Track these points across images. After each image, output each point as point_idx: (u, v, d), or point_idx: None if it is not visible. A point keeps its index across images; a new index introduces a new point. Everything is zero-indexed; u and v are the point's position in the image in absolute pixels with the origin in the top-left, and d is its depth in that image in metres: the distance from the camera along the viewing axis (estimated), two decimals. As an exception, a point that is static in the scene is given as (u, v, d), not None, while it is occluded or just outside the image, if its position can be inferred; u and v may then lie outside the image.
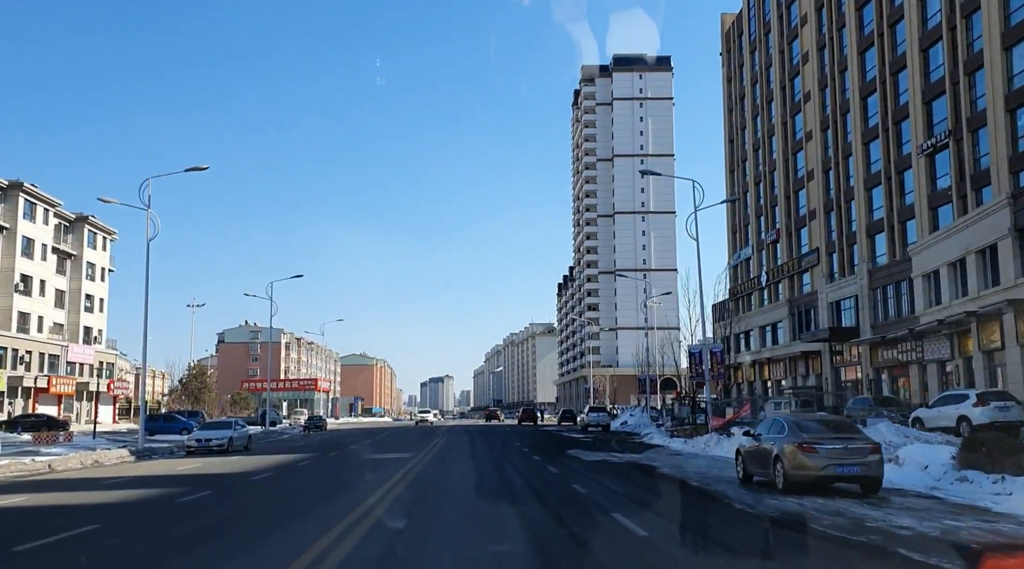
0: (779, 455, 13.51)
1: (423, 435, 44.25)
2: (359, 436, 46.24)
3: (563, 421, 70.39)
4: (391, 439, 40.19)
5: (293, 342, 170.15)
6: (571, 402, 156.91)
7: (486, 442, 35.13)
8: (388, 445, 33.61)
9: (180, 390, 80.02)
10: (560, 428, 57.53)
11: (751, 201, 68.59)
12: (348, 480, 17.20)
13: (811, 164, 56.40)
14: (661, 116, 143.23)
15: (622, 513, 11.00)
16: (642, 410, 60.38)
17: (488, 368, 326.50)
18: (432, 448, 29.83)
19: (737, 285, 71.42)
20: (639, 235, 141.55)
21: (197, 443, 30.27)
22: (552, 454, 25.90)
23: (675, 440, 32.06)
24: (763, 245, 65.55)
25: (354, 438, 42.74)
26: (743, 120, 70.66)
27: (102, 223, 71.02)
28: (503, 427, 60.53)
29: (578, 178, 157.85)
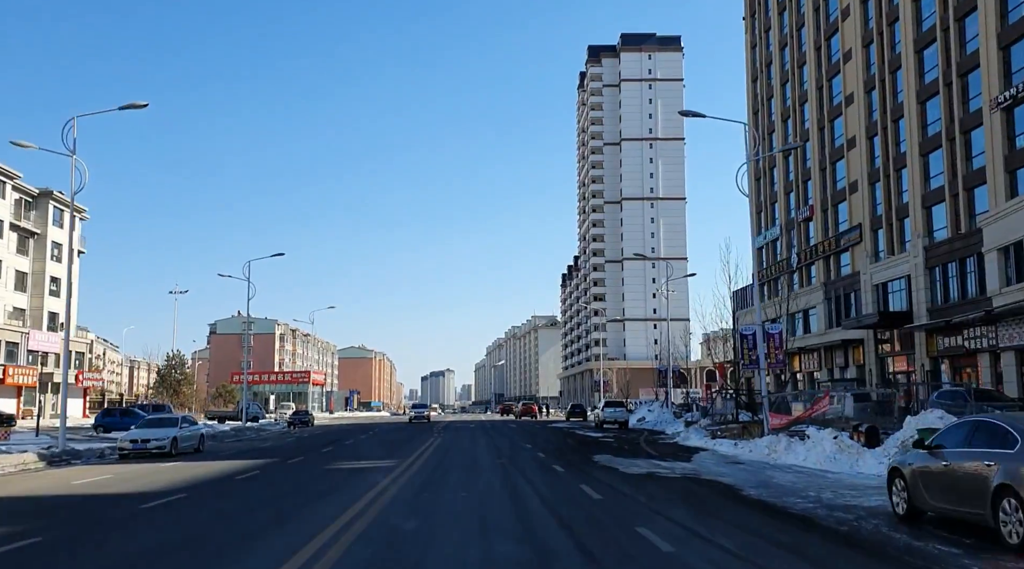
0: (1013, 486, 7.63)
1: (416, 434, 38.42)
2: (343, 434, 40.44)
3: (572, 416, 64.68)
4: (377, 439, 34.37)
5: (288, 334, 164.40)
6: (576, 396, 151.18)
7: (490, 443, 29.35)
8: (371, 448, 27.77)
9: (158, 382, 74.25)
10: (571, 425, 51.74)
11: (779, 177, 62.63)
12: (280, 513, 11.29)
13: (852, 131, 50.43)
14: (671, 98, 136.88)
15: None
16: (661, 405, 54.57)
17: (489, 362, 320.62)
18: (423, 452, 23.98)
19: (763, 269, 65.47)
20: (647, 222, 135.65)
21: (132, 445, 24.45)
22: (576, 462, 20.09)
23: (720, 442, 26.20)
24: (793, 224, 59.63)
25: (335, 437, 36.93)
26: (770, 89, 64.64)
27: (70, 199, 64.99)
28: (507, 424, 54.69)
29: (584, 164, 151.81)
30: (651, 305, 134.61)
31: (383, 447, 27.48)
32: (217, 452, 26.60)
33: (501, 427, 47.53)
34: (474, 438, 33.45)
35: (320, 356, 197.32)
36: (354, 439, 34.15)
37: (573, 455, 23.00)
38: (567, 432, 39.89)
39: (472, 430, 42.73)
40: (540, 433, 38.91)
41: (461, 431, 40.88)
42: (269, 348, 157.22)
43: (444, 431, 41.50)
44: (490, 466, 18.67)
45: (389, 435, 38.04)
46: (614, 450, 25.11)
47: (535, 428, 45.47)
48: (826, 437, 19.45)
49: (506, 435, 36.27)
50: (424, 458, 21.44)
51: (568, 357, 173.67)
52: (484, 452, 23.83)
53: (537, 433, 38.82)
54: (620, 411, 45.51)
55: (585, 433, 39.01)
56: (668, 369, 53.34)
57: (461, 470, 17.68)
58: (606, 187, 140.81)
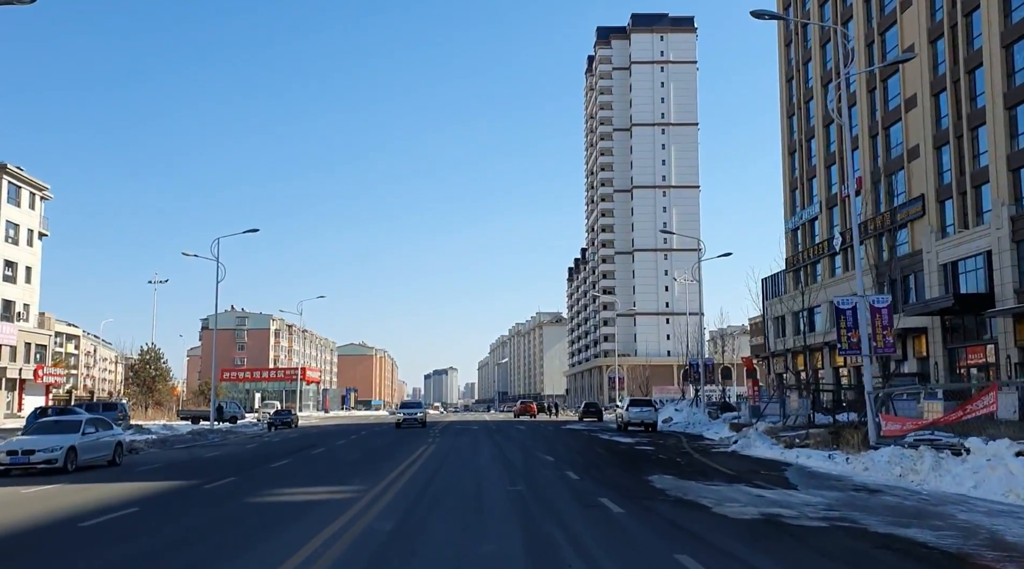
0: None
1: (406, 439, 31.86)
2: (321, 439, 33.96)
3: (586, 416, 58.18)
4: (357, 447, 27.82)
5: (283, 329, 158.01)
6: (583, 394, 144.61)
7: (496, 453, 22.80)
8: (340, 461, 21.18)
9: (130, 379, 67.79)
10: (587, 427, 45.16)
11: (818, 148, 55.97)
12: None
13: (912, 88, 43.80)
14: (684, 81, 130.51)
15: None
16: (690, 403, 48.00)
17: (493, 360, 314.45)
18: (406, 469, 17.39)
19: (797, 253, 58.88)
20: (659, 212, 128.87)
21: (10, 458, 18.02)
22: (631, 491, 13.48)
23: (803, 453, 19.61)
24: (835, 201, 53.01)
25: (309, 442, 30.40)
26: (807, 52, 57.95)
27: (29, 175, 58.66)
28: (514, 426, 47.98)
29: (592, 151, 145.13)
30: (663, 298, 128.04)
31: (356, 461, 20.94)
32: (134, 467, 20.09)
33: (508, 429, 40.99)
34: (476, 445, 26.92)
35: (318, 353, 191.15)
36: (328, 447, 27.63)
37: (618, 475, 16.44)
38: (589, 437, 33.36)
39: (474, 433, 36.19)
40: (556, 437, 32.38)
41: (461, 435, 34.32)
42: (264, 344, 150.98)
43: (441, 435, 34.95)
44: (501, 499, 12.11)
45: (374, 440, 31.51)
46: (667, 465, 18.56)
47: (547, 431, 38.92)
48: (1006, 453, 12.84)
49: (515, 440, 29.70)
50: (404, 481, 14.89)
51: (575, 354, 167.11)
52: (490, 470, 17.23)
53: (552, 438, 32.29)
54: (648, 411, 38.94)
55: (611, 437, 32.47)
56: (700, 363, 46.59)
57: (455, 510, 11.12)
58: (616, 175, 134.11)
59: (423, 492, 13.11)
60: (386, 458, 20.96)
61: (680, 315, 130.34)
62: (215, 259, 42.49)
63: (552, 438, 31.90)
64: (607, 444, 27.65)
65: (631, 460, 20.53)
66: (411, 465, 18.50)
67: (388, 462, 19.51)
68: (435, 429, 41.94)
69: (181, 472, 18.41)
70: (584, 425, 49.72)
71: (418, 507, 11.28)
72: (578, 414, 63.15)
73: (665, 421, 44.55)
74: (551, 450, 23.94)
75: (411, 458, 20.66)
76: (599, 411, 59.16)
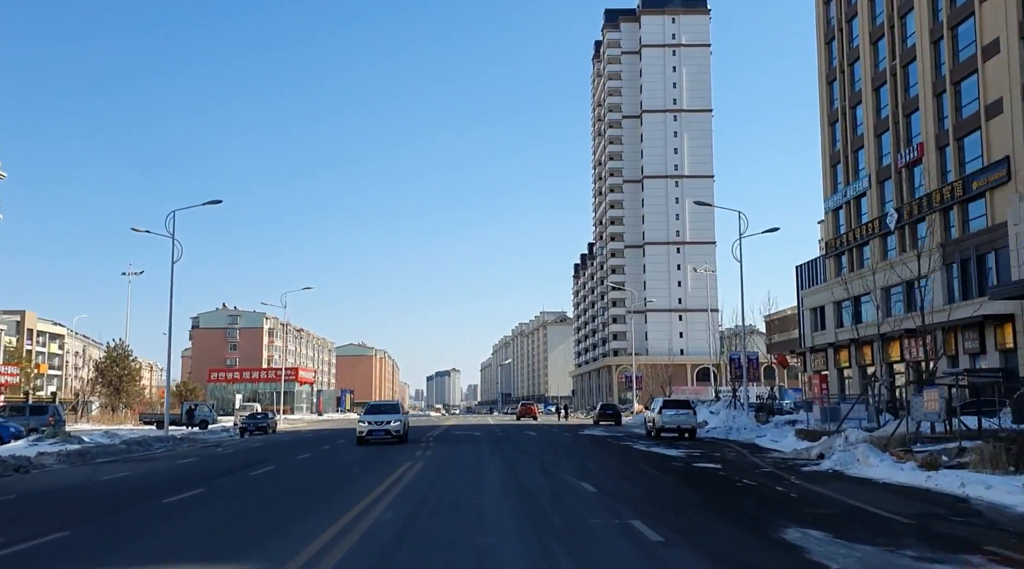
0: None
1: (388, 453, 25.19)
2: (287, 449, 27.46)
3: (603, 419, 51.66)
4: (321, 464, 21.34)
5: (277, 328, 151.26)
6: (590, 396, 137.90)
7: (509, 476, 16.26)
8: (272, 498, 14.35)
9: (95, 379, 61.30)
10: (611, 433, 38.55)
11: (866, 115, 49.32)
12: None
13: (992, 31, 37.14)
14: (697, 65, 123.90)
15: None
16: (727, 404, 41.40)
17: (496, 361, 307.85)
18: (366, 513, 10.68)
19: (839, 236, 52.23)
20: (671, 203, 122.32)
21: None
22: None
23: (967, 477, 12.94)
24: (889, 172, 46.37)
25: (257, 459, 23.78)
26: (851, 8, 51.30)
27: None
28: (523, 431, 41.26)
29: (600, 141, 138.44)
30: (676, 294, 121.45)
31: (299, 491, 14.33)
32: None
33: (517, 436, 34.39)
34: (478, 461, 20.33)
35: (316, 353, 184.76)
36: (281, 464, 21.08)
37: (724, 529, 9.70)
38: (620, 447, 26.80)
39: (476, 442, 29.56)
40: (580, 449, 25.82)
41: (460, 446, 27.66)
42: (256, 343, 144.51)
43: (435, 444, 28.30)
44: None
45: (347, 453, 24.94)
46: (780, 505, 11.93)
47: (564, 438, 32.29)
48: None
49: (530, 454, 23.03)
50: (349, 545, 8.21)
51: (581, 354, 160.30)
52: (501, 516, 10.46)
53: (575, 449, 25.73)
54: (686, 415, 32.32)
55: (648, 447, 25.89)
56: (741, 355, 39.69)
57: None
58: (625, 165, 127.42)
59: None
60: (345, 486, 14.41)
61: (695, 312, 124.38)
62: (170, 236, 35.88)
63: (575, 449, 25.34)
64: (652, 459, 21.09)
65: (712, 490, 13.97)
66: (376, 502, 11.89)
67: (343, 495, 12.90)
68: (430, 435, 35.33)
69: (25, 515, 11.81)
70: (603, 430, 43.13)
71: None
72: (592, 417, 56.62)
73: (699, 426, 37.94)
74: (583, 471, 17.36)
75: (380, 488, 14.04)
76: (617, 414, 52.56)
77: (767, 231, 38.64)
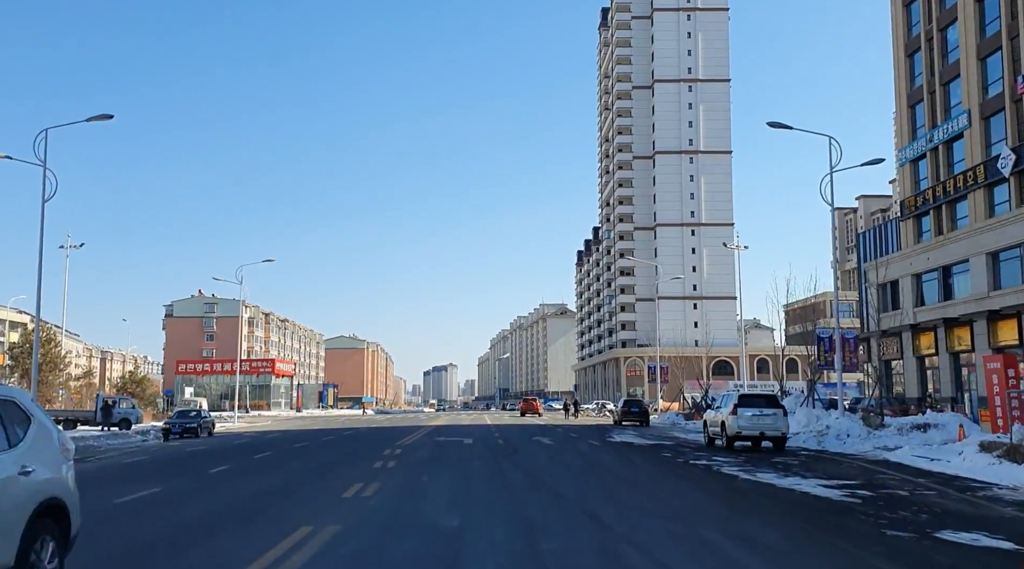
0: None
1: (339, 465, 15.24)
2: (196, 463, 17.33)
3: (627, 419, 41.66)
4: (214, 495, 10.67)
5: (259, 318, 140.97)
6: (595, 391, 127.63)
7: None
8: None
9: (11, 366, 51.00)
10: (648, 438, 28.31)
11: (963, 35, 38.93)
12: None
13: None
14: (714, 31, 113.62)
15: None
16: (800, 402, 31.19)
17: (494, 355, 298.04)
18: None
19: (921, 193, 41.96)
20: (686, 181, 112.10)
21: None
22: None
23: None
24: (1000, 104, 36.06)
25: (138, 477, 13.36)
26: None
27: None
28: (530, 434, 30.69)
29: (607, 115, 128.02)
30: (690, 280, 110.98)
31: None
32: None
33: (524, 445, 24.14)
34: (458, 506, 9.90)
35: (302, 346, 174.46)
36: (133, 498, 10.68)
37: None
38: (692, 469, 16.55)
39: (464, 457, 19.23)
40: (631, 473, 15.55)
41: (437, 465, 17.23)
42: (235, 333, 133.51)
43: (396, 466, 17.78)
44: None
45: (270, 474, 14.77)
46: None
47: (601, 454, 21.85)
48: None
49: (567, 500, 12.01)
50: None
51: (585, 346, 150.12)
52: None
53: (623, 471, 15.58)
54: (774, 416, 22.25)
55: (743, 471, 15.52)
56: (834, 331, 29.02)
57: None
58: (635, 139, 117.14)
59: None
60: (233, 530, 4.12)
61: (712, 299, 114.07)
62: (41, 164, 25.49)
63: (623, 473, 15.16)
64: (778, 497, 10.97)
65: None
66: None
67: None
68: (400, 445, 24.98)
69: None
70: (633, 433, 32.99)
71: None
72: (610, 414, 46.43)
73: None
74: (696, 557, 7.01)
75: None
76: (645, 412, 42.44)
77: (868, 163, 28.28)
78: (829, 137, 27.46)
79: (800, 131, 27.74)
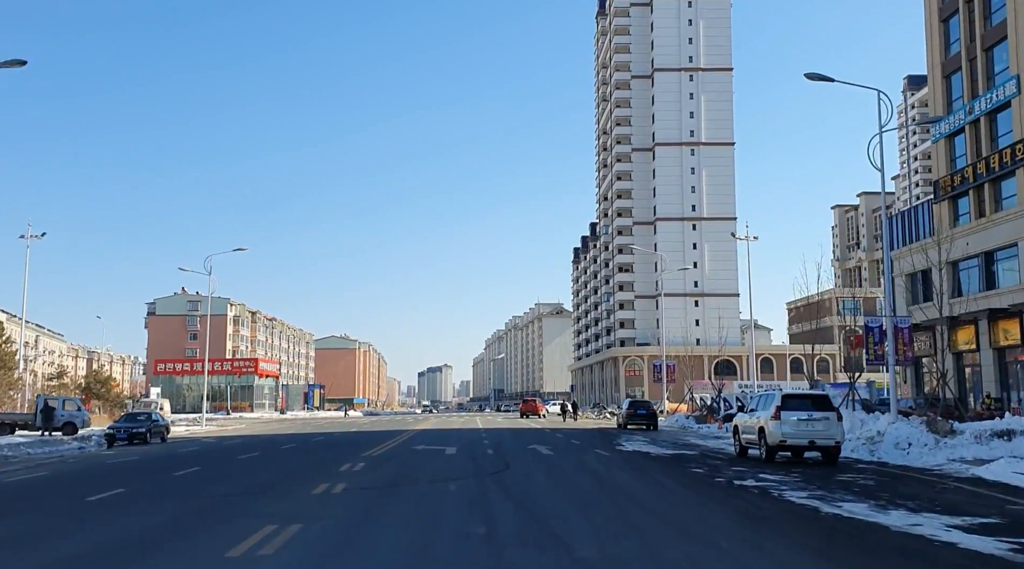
0: None
1: (261, 492, 10.63)
2: (96, 481, 12.63)
3: (633, 422, 37.55)
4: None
5: (245, 316, 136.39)
6: (592, 391, 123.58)
7: None
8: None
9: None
10: (663, 446, 24.09)
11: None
12: None
13: None
14: (716, 18, 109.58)
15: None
16: (843, 403, 26.99)
17: (488, 355, 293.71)
18: None
19: (958, 171, 37.78)
20: (687, 173, 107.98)
21: None
22: None
23: None
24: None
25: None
26: None
27: None
28: (533, 448, 26.22)
29: (605, 106, 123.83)
30: (691, 277, 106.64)
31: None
32: None
33: (518, 458, 19.94)
34: (419, 561, 5.85)
35: (291, 346, 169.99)
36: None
37: None
38: (769, 497, 12.08)
39: (445, 466, 15.49)
40: (666, 504, 11.22)
41: (411, 480, 13.23)
42: (220, 332, 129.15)
43: (365, 477, 13.70)
44: None
45: (165, 504, 10.47)
46: None
47: (616, 471, 17.51)
48: None
49: (565, 544, 8.14)
50: None
51: (582, 345, 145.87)
52: None
53: (655, 501, 11.28)
54: (826, 420, 18.17)
55: (850, 512, 10.92)
56: (885, 319, 24.54)
57: None
58: (634, 131, 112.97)
59: None
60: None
61: (713, 296, 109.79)
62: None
63: (655, 504, 10.99)
64: (922, 556, 6.80)
65: None
66: None
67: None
68: (366, 456, 20.63)
69: None
70: (643, 438, 28.78)
71: None
72: (617, 418, 42.16)
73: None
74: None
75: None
76: (653, 414, 38.15)
77: (924, 122, 23.95)
78: (878, 91, 23.29)
79: (842, 83, 23.56)
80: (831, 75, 23.54)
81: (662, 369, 50.09)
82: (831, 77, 23.29)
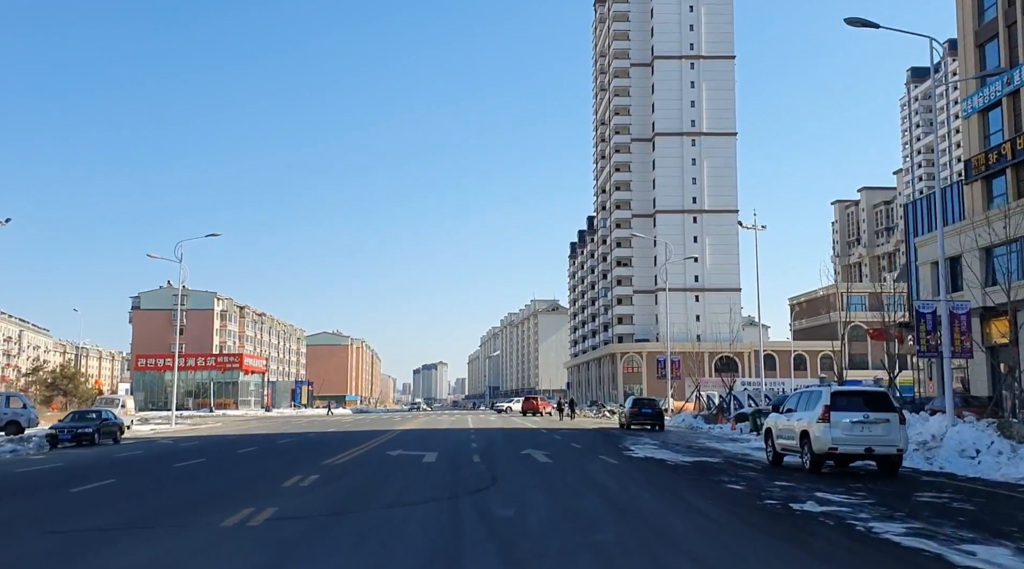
0: None
1: (148, 527, 7.37)
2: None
3: (636, 422, 34.23)
4: None
5: (232, 311, 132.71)
6: (589, 388, 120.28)
7: None
8: None
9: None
10: (681, 452, 20.79)
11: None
12: None
13: None
14: (718, 5, 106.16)
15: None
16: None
17: (484, 353, 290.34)
18: None
19: (993, 149, 34.46)
20: (687, 164, 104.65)
21: None
22: None
23: None
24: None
25: None
26: None
27: None
28: (527, 454, 22.88)
29: (603, 96, 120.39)
30: (692, 271, 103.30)
31: None
32: None
33: (507, 457, 16.82)
34: None
35: (281, 342, 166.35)
36: None
37: None
38: (846, 529, 8.72)
39: (418, 480, 12.49)
40: (707, 542, 8.17)
41: (364, 504, 10.08)
42: (206, 327, 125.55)
43: (309, 495, 10.69)
44: None
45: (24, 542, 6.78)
46: None
47: (619, 475, 14.43)
48: None
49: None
50: None
51: (578, 342, 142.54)
52: None
53: (694, 538, 8.23)
54: (887, 423, 14.95)
55: (992, 552, 7.58)
56: (939, 305, 21.10)
57: None
58: (633, 121, 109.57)
59: None
60: None
61: (714, 291, 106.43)
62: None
63: (694, 543, 7.90)
64: None
65: None
66: None
67: None
68: (343, 458, 17.30)
69: None
70: (655, 442, 25.41)
71: None
72: (619, 417, 38.80)
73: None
74: None
75: None
76: (659, 413, 34.89)
77: (986, 75, 20.69)
78: (930, 38, 19.95)
79: (887, 29, 20.11)
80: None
81: (666, 364, 46.67)
82: (876, 23, 19.89)
